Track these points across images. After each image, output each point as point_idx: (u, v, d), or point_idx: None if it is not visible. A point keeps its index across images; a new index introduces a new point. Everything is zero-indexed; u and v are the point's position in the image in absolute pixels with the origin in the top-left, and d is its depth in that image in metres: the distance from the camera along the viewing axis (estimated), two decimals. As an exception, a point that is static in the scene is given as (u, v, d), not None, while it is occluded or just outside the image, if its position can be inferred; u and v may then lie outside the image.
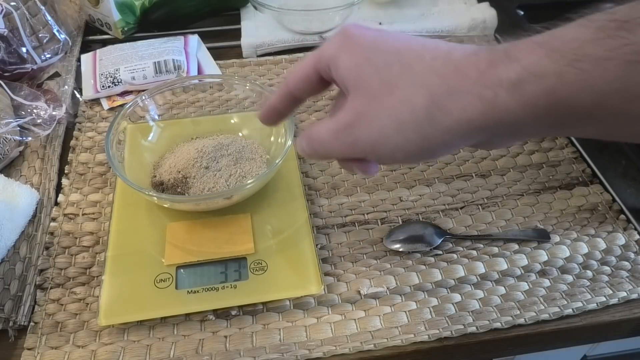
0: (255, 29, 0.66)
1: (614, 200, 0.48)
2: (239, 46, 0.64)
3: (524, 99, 0.23)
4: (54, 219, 0.46)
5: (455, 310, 0.40)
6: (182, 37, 0.63)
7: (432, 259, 0.43)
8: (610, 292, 0.41)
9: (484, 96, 0.24)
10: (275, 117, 0.35)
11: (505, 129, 0.25)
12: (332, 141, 0.29)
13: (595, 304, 0.40)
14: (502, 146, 0.29)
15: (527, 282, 0.42)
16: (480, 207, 0.47)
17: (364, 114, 0.27)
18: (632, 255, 0.44)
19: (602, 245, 0.44)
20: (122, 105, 0.56)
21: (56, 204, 0.47)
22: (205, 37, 0.66)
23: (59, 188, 0.48)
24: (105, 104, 0.57)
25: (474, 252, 0.44)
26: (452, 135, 0.25)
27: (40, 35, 0.59)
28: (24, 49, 0.56)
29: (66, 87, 0.58)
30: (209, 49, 0.64)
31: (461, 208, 0.47)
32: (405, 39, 0.28)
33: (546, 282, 0.42)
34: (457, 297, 0.41)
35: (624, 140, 0.25)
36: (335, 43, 0.29)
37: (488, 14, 0.67)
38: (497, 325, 0.39)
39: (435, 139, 0.26)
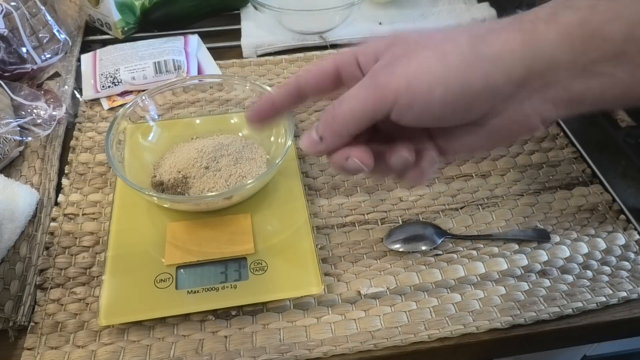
0: (255, 29, 0.66)
1: (614, 200, 0.48)
2: (239, 46, 0.64)
3: (561, 28, 0.24)
4: (54, 219, 0.46)
5: (455, 310, 0.40)
6: (182, 37, 0.63)
7: (432, 259, 0.43)
8: (610, 292, 0.41)
9: (524, 28, 0.25)
10: (269, 113, 0.33)
11: (543, 66, 0.25)
12: (360, 90, 0.27)
13: (595, 304, 0.40)
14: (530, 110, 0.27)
15: (527, 282, 0.42)
16: (480, 207, 0.47)
17: (403, 55, 0.26)
18: (632, 255, 0.44)
19: (602, 245, 0.44)
20: (122, 105, 0.56)
21: (56, 204, 0.47)
22: (205, 37, 0.66)
23: (59, 188, 0.48)
24: (105, 104, 0.57)
25: (474, 252, 0.44)
26: (494, 67, 0.25)
27: (40, 35, 0.59)
28: (24, 49, 0.56)
29: (66, 87, 0.58)
30: (209, 49, 0.64)
31: (461, 208, 0.47)
32: (432, 33, 0.29)
33: (546, 282, 0.42)
34: (457, 297, 0.41)
35: None
36: (383, 40, 0.29)
37: (488, 14, 0.67)
38: (497, 325, 0.39)
39: (477, 69, 0.25)
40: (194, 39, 0.64)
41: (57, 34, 0.60)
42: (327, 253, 0.44)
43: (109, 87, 0.57)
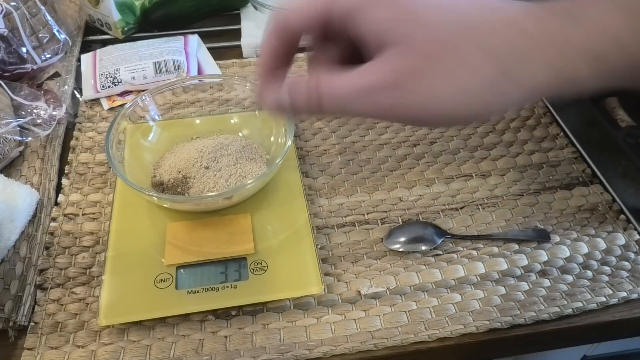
0: (255, 29, 0.66)
1: (614, 200, 0.48)
2: (239, 46, 0.64)
3: (600, 65, 0.22)
4: (54, 219, 0.46)
5: (455, 310, 0.40)
6: (182, 37, 0.63)
7: (432, 259, 0.43)
8: (610, 292, 0.41)
9: (556, 64, 0.22)
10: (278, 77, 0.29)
11: (567, 90, 0.23)
12: (360, 101, 0.24)
13: (595, 304, 0.40)
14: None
15: (527, 282, 0.42)
16: (480, 207, 0.47)
17: (411, 74, 0.23)
18: (632, 255, 0.44)
19: (602, 245, 0.44)
20: (122, 105, 0.56)
21: (56, 204, 0.47)
22: (205, 37, 0.66)
23: (59, 188, 0.48)
24: (105, 104, 0.57)
25: (474, 252, 0.44)
26: (514, 103, 0.24)
27: (40, 35, 0.58)
28: (24, 49, 0.56)
29: (66, 87, 0.58)
30: (209, 49, 0.64)
31: (461, 208, 0.47)
32: None
33: (546, 282, 0.42)
34: (457, 297, 0.41)
35: None
36: None
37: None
38: (497, 325, 0.39)
39: (496, 107, 0.23)
40: (194, 39, 0.64)
41: (57, 34, 0.60)
42: (327, 253, 0.44)
43: (109, 87, 0.57)
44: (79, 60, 0.62)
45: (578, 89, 0.23)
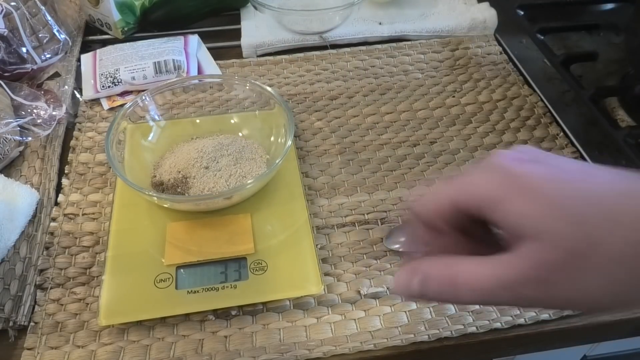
0: (255, 29, 0.66)
1: (614, 200, 0.48)
2: (239, 46, 0.64)
3: None
4: (54, 219, 0.46)
5: (455, 310, 0.40)
6: (182, 37, 0.63)
7: (432, 259, 0.43)
8: (610, 292, 0.41)
9: None
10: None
11: None
12: (501, 293, 0.24)
13: (595, 304, 0.40)
14: None
15: (527, 282, 0.42)
16: (480, 207, 0.47)
17: (556, 270, 0.22)
18: (632, 255, 0.43)
19: (602, 245, 0.44)
20: (122, 105, 0.56)
21: (56, 204, 0.47)
22: (205, 37, 0.66)
23: (59, 188, 0.48)
24: (105, 104, 0.57)
25: (474, 252, 0.44)
26: None
27: (40, 35, 0.59)
28: (24, 49, 0.56)
29: (66, 87, 0.58)
30: (209, 49, 0.64)
31: (461, 208, 0.47)
32: (588, 177, 0.23)
33: (546, 282, 0.42)
34: (457, 297, 0.41)
35: None
36: (495, 182, 0.24)
37: (488, 14, 0.67)
38: (497, 325, 0.39)
39: None
40: (194, 39, 0.64)
41: (57, 34, 0.60)
42: (327, 253, 0.44)
43: (109, 87, 0.57)
44: (79, 60, 0.62)
45: None
